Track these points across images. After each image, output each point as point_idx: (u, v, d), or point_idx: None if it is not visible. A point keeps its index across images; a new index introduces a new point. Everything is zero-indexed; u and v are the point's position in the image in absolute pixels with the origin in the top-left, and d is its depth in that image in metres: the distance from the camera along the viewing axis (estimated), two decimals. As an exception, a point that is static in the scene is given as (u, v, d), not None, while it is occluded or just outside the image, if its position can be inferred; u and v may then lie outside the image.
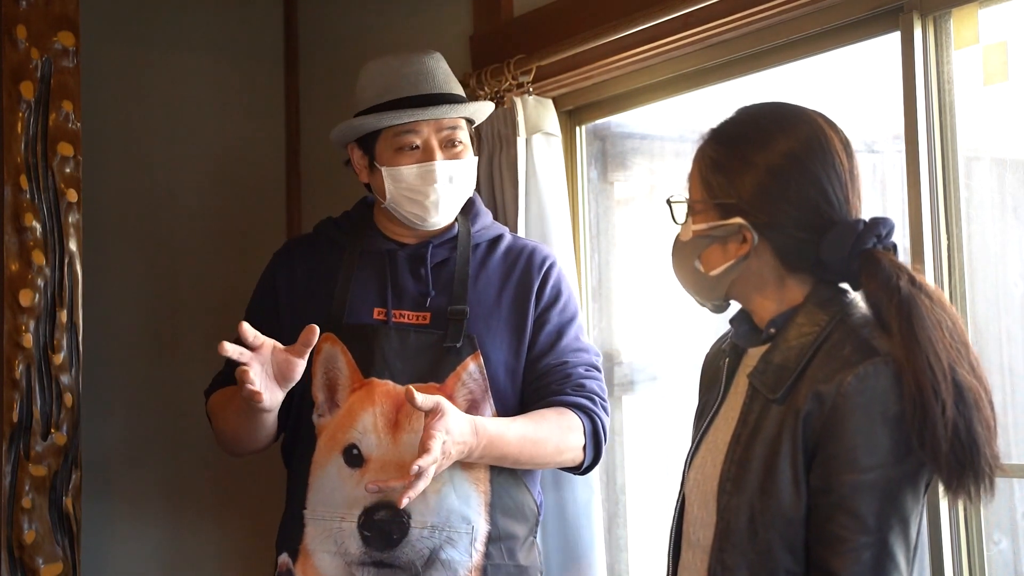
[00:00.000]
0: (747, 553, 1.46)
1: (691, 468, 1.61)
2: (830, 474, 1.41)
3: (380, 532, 2.01)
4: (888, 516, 1.40)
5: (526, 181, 2.50)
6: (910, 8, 1.99)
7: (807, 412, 1.43)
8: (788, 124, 1.53)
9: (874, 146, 2.27)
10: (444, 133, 2.13)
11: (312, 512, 2.08)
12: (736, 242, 1.54)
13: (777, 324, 1.54)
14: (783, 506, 1.44)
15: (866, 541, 1.39)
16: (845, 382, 1.41)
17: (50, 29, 2.54)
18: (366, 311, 2.13)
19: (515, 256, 2.20)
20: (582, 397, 2.09)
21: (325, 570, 2.05)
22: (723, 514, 1.49)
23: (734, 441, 1.52)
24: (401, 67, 2.15)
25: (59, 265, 2.53)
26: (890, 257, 1.48)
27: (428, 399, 1.87)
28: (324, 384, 2.12)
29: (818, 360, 1.46)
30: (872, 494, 1.40)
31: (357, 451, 2.05)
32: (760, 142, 1.52)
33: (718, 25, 2.22)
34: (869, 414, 1.40)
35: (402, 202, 2.14)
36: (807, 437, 1.44)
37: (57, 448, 2.50)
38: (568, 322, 2.17)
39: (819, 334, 1.48)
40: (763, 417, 1.49)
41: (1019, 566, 2.02)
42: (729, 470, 1.50)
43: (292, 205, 3.35)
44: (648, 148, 2.80)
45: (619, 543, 2.72)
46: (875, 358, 1.42)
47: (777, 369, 1.50)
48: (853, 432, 1.40)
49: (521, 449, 2.00)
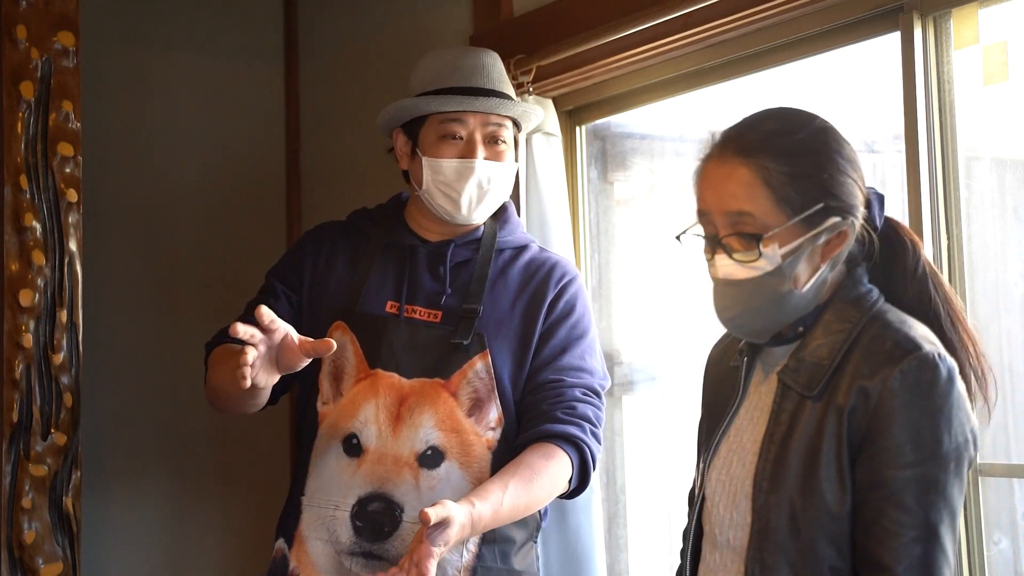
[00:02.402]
0: (789, 551, 1.46)
1: (711, 469, 1.60)
2: (878, 468, 1.42)
3: (372, 523, 2.01)
4: (939, 508, 1.41)
5: (526, 181, 2.50)
6: (910, 8, 1.99)
7: (852, 407, 1.44)
8: (812, 122, 1.55)
9: (874, 146, 2.27)
10: (489, 129, 2.12)
11: (309, 499, 2.09)
12: (825, 243, 1.51)
13: (805, 323, 1.54)
14: (827, 502, 1.44)
15: (917, 535, 1.40)
16: (890, 377, 1.42)
17: (50, 29, 2.55)
18: (380, 303, 2.12)
19: (536, 267, 2.18)
20: (571, 424, 2.02)
21: (316, 557, 2.06)
22: (760, 513, 1.49)
23: (767, 440, 1.51)
24: (456, 59, 2.16)
25: (59, 265, 2.53)
26: (902, 226, 1.61)
27: (439, 515, 1.77)
28: (330, 372, 2.11)
29: (857, 355, 1.47)
30: (921, 487, 1.41)
31: (356, 441, 2.05)
32: (806, 143, 1.52)
33: (718, 25, 2.22)
34: (915, 408, 1.42)
35: (436, 195, 2.13)
36: (852, 433, 1.45)
37: (57, 448, 2.50)
38: (576, 340, 2.12)
39: (851, 331, 1.49)
40: (798, 415, 1.49)
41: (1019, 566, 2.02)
42: (764, 469, 1.50)
43: (292, 205, 3.35)
44: (648, 148, 2.80)
45: (619, 543, 2.72)
46: (918, 352, 1.44)
47: (811, 367, 1.50)
48: (900, 426, 1.41)
49: (513, 515, 1.97)
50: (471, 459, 2.05)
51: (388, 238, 2.19)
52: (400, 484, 2.01)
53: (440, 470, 2.02)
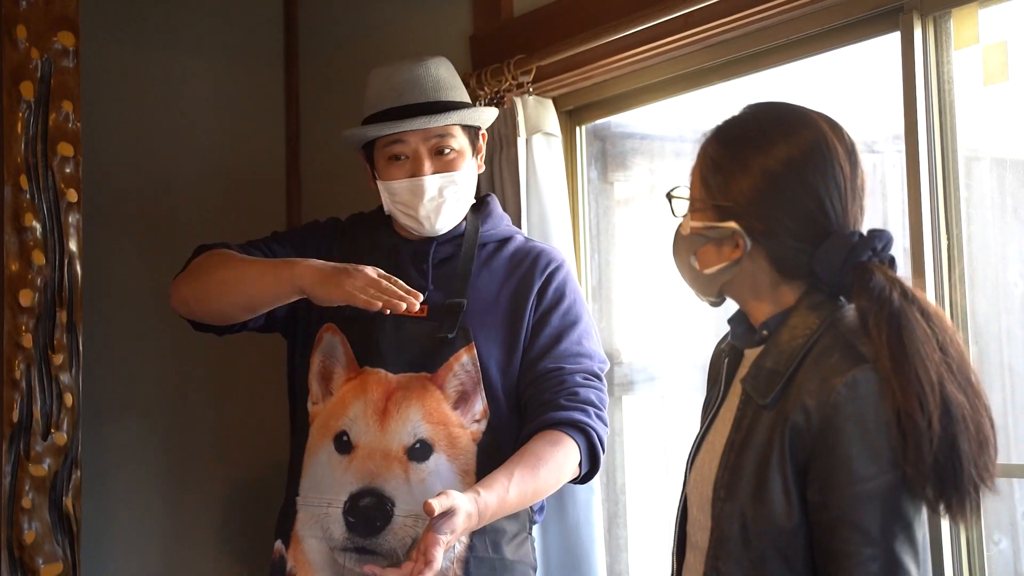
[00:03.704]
0: (741, 561, 1.45)
1: (692, 469, 1.60)
2: (828, 488, 1.39)
3: (364, 518, 2.02)
4: (891, 524, 1.38)
5: (526, 181, 2.50)
6: (910, 8, 1.99)
7: (793, 423, 1.42)
8: (791, 128, 1.51)
9: (874, 146, 2.27)
10: (432, 142, 2.13)
11: (303, 498, 2.11)
12: (729, 246, 1.52)
13: (770, 326, 1.53)
14: (775, 515, 1.42)
15: (872, 553, 1.37)
16: (834, 391, 1.39)
17: (50, 29, 2.55)
18: None
19: (521, 257, 2.19)
20: (575, 409, 2.04)
21: (311, 555, 2.07)
22: (717, 520, 1.48)
23: (728, 447, 1.50)
24: (391, 76, 2.16)
25: (59, 265, 2.53)
26: (884, 270, 1.45)
27: (444, 504, 1.82)
28: (320, 372, 2.14)
29: (806, 367, 1.45)
30: (872, 504, 1.37)
31: (347, 437, 2.07)
32: (760, 146, 1.50)
33: (718, 25, 2.22)
34: (861, 423, 1.38)
35: (397, 215, 2.17)
36: (795, 449, 1.42)
37: (57, 448, 2.50)
38: (570, 326, 2.14)
39: (809, 337, 1.47)
40: (755, 423, 1.48)
41: (1019, 566, 2.02)
42: (723, 476, 1.49)
43: (292, 205, 3.35)
44: (648, 148, 2.80)
45: (619, 543, 2.72)
46: (863, 365, 1.40)
47: (768, 374, 1.48)
48: (847, 443, 1.38)
49: (521, 503, 1.99)
50: (457, 451, 2.06)
51: (373, 240, 2.21)
52: (391, 478, 2.03)
53: (429, 463, 2.04)
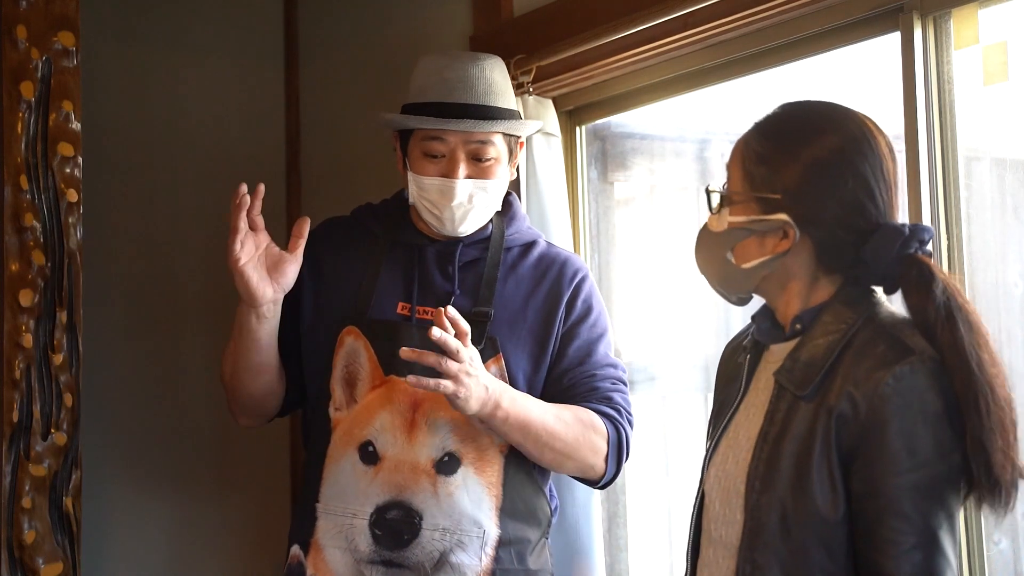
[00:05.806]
0: (779, 552, 1.46)
1: (711, 465, 1.60)
2: (874, 477, 1.41)
3: (391, 531, 2.00)
4: (937, 514, 1.40)
5: (526, 181, 2.50)
6: (910, 8, 1.99)
7: (840, 412, 1.43)
8: (836, 120, 1.53)
9: (874, 146, 2.27)
10: (472, 146, 2.08)
11: (325, 506, 2.07)
12: (776, 238, 1.53)
13: (804, 321, 1.54)
14: (817, 505, 1.44)
15: (917, 542, 1.40)
16: (882, 383, 1.41)
17: (50, 29, 2.55)
18: (390, 305, 2.11)
19: (547, 264, 2.17)
20: (609, 408, 2.06)
21: (335, 566, 2.04)
22: (752, 512, 1.49)
23: (761, 439, 1.51)
24: (444, 69, 2.10)
25: (59, 265, 2.53)
26: (939, 269, 1.48)
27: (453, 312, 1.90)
28: (343, 378, 2.10)
29: (849, 358, 1.46)
30: (919, 494, 1.40)
31: (373, 448, 2.04)
32: (808, 136, 1.52)
33: (718, 25, 2.22)
34: (909, 414, 1.41)
35: (421, 209, 2.12)
36: (840, 438, 1.44)
37: (57, 448, 2.50)
38: (598, 339, 2.14)
39: (846, 331, 1.48)
40: (791, 415, 1.49)
41: (1019, 566, 2.02)
42: (757, 468, 1.50)
43: (292, 205, 3.35)
44: (648, 148, 2.81)
45: (619, 543, 2.72)
46: (911, 357, 1.42)
47: (805, 366, 1.50)
48: (895, 434, 1.40)
49: (544, 423, 1.97)
50: (485, 464, 2.04)
51: (394, 237, 2.17)
52: (418, 492, 2.00)
53: (457, 476, 2.02)
